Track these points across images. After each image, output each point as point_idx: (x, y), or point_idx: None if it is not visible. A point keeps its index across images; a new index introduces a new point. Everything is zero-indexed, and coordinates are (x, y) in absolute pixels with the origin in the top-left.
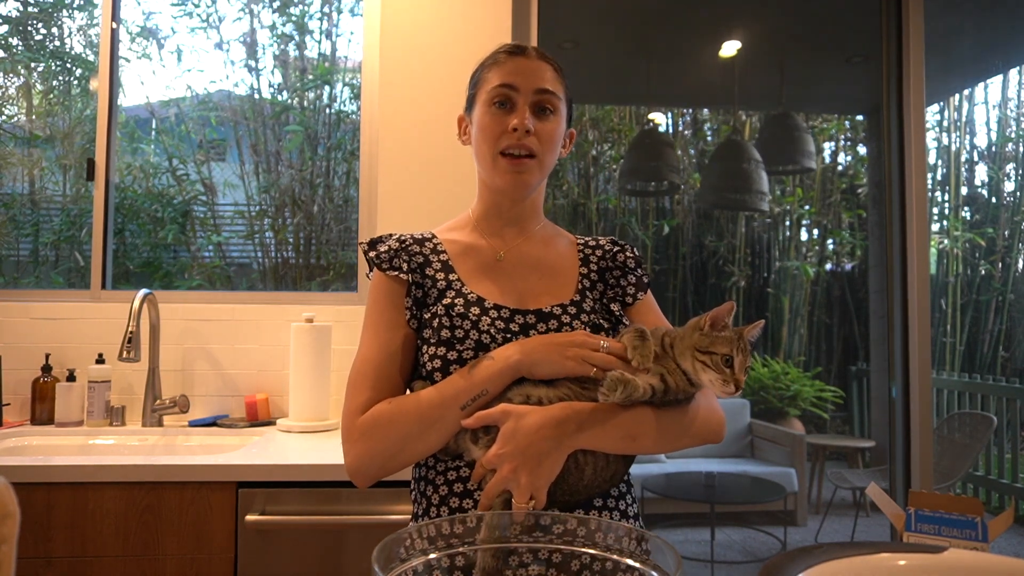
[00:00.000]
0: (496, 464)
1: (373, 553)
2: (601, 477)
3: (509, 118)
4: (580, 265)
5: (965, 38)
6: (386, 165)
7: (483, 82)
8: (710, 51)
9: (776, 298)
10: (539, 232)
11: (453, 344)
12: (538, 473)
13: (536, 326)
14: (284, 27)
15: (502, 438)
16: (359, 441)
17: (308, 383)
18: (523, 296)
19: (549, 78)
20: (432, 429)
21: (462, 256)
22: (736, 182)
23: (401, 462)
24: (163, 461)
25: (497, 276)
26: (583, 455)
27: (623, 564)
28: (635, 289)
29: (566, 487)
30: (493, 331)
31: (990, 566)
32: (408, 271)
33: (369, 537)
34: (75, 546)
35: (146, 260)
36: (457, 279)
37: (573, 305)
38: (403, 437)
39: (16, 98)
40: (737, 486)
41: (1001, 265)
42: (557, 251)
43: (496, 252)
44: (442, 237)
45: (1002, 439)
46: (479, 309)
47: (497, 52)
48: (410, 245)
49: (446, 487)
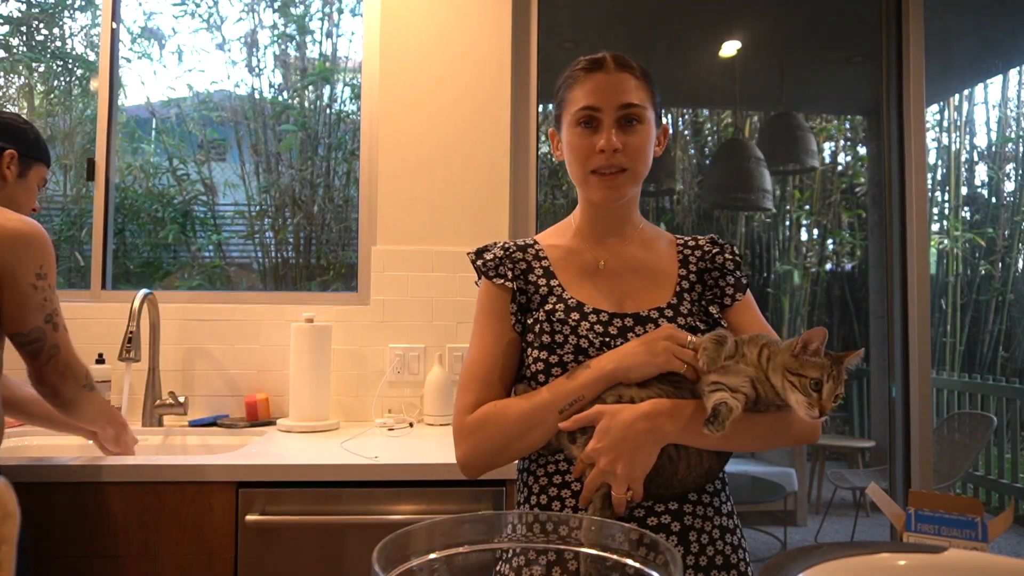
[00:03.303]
0: (594, 458)
1: (373, 553)
2: (695, 473)
3: (595, 138)
4: (679, 267)
5: (965, 38)
6: (386, 165)
7: (567, 103)
8: (710, 51)
9: (776, 298)
10: (639, 234)
11: (554, 349)
12: (633, 464)
13: (634, 329)
14: (285, 27)
15: (598, 434)
16: (468, 438)
17: (308, 383)
18: (622, 299)
19: (632, 89)
20: (533, 430)
21: (563, 262)
22: (738, 181)
23: (506, 458)
24: (163, 461)
25: (597, 280)
26: (676, 450)
27: (623, 564)
28: (733, 291)
29: (660, 480)
30: (592, 336)
31: (990, 566)
32: (512, 279)
33: (369, 537)
34: (75, 546)
35: (146, 260)
36: (558, 284)
37: (670, 308)
38: (507, 436)
39: (17, 98)
40: (737, 486)
41: (1001, 265)
42: (657, 253)
43: (597, 258)
44: (544, 243)
45: (1002, 439)
46: (579, 314)
47: (575, 69)
48: (513, 252)
49: (546, 478)
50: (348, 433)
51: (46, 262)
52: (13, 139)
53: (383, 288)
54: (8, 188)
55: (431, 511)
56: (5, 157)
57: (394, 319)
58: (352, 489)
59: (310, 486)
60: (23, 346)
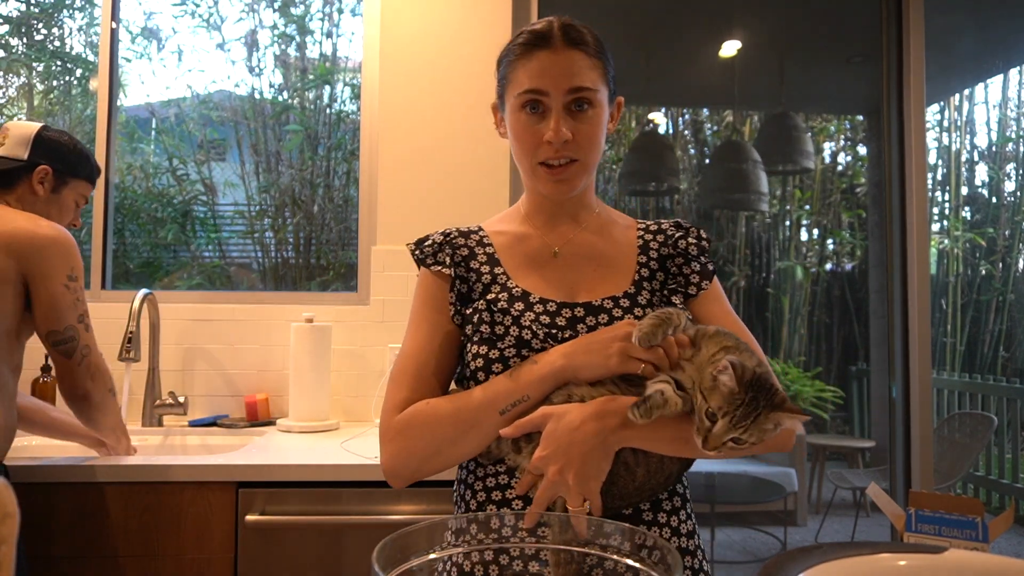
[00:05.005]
0: (542, 468)
1: (373, 553)
2: (655, 479)
3: (542, 126)
4: (639, 253)
5: (965, 38)
6: (386, 165)
7: (509, 82)
8: (710, 51)
9: (776, 298)
10: (594, 219)
11: (494, 342)
12: (585, 472)
13: (585, 320)
14: (285, 28)
15: (544, 440)
16: (394, 441)
17: (308, 383)
18: (573, 288)
19: (583, 70)
20: (469, 433)
21: (509, 249)
22: (736, 182)
23: (437, 465)
24: (163, 461)
25: (546, 269)
26: (633, 455)
27: (623, 564)
28: (699, 278)
29: (616, 490)
30: (535, 327)
31: (990, 566)
32: (451, 264)
33: (369, 537)
34: (75, 546)
35: (146, 260)
36: (503, 272)
37: (627, 297)
38: (438, 439)
39: (17, 98)
40: (737, 486)
41: (1001, 265)
42: (614, 238)
43: (549, 246)
44: (489, 229)
45: (1002, 439)
46: (523, 304)
47: (516, 42)
48: (455, 238)
49: (484, 493)
50: (348, 433)
51: (76, 265)
52: (49, 156)
53: (383, 288)
54: (40, 203)
55: (431, 511)
56: (38, 173)
57: (394, 319)
58: (352, 489)
59: (310, 486)
60: (57, 345)
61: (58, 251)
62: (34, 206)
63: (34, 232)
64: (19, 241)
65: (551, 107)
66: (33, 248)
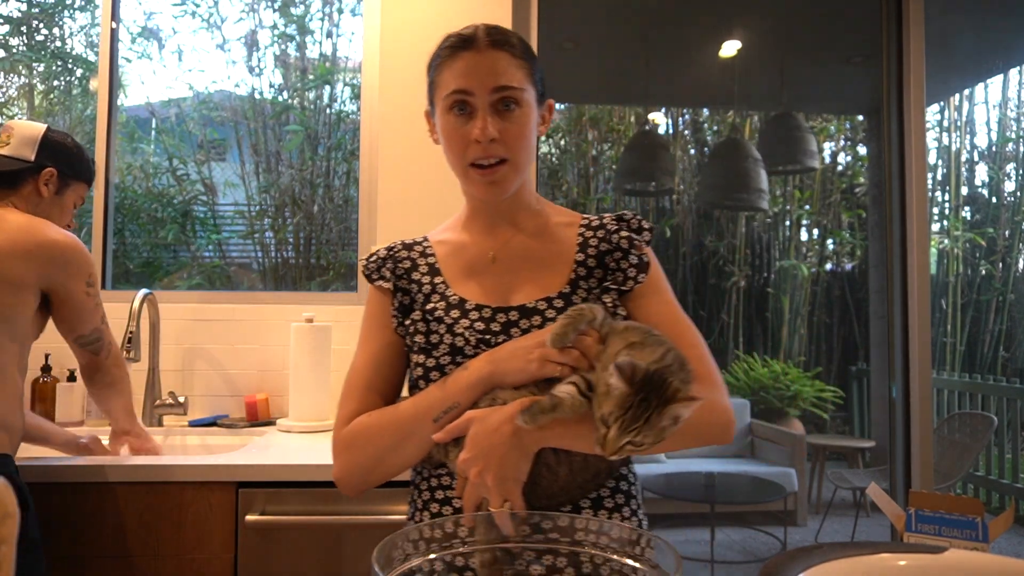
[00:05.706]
0: (465, 470)
1: (373, 553)
2: (580, 478)
3: (470, 126)
4: (577, 251)
5: (965, 38)
6: (386, 165)
7: (437, 86)
8: (710, 51)
9: (776, 298)
10: (534, 220)
11: (430, 351)
12: (503, 474)
13: (519, 323)
14: (285, 28)
15: (467, 443)
16: (342, 453)
17: (308, 383)
18: (508, 292)
19: (506, 69)
20: (407, 442)
21: (450, 257)
22: (736, 181)
23: (381, 474)
24: (163, 461)
25: (484, 275)
26: (555, 455)
27: (623, 564)
28: (636, 271)
29: (540, 490)
30: (468, 334)
31: (990, 566)
32: (391, 279)
33: (369, 537)
34: (75, 546)
35: (146, 260)
36: (442, 281)
37: (561, 297)
38: (380, 450)
39: (17, 98)
40: (737, 486)
41: (1001, 265)
42: (554, 238)
43: (486, 251)
44: (433, 239)
45: (1002, 439)
46: (459, 311)
47: (443, 46)
48: (398, 252)
49: (429, 493)
50: None
51: (92, 271)
52: (55, 158)
53: None
54: (43, 205)
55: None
56: (44, 175)
57: None
58: None
59: (310, 486)
60: (86, 346)
61: (75, 259)
62: (37, 207)
63: (53, 241)
64: (39, 250)
65: (477, 107)
66: (52, 258)
